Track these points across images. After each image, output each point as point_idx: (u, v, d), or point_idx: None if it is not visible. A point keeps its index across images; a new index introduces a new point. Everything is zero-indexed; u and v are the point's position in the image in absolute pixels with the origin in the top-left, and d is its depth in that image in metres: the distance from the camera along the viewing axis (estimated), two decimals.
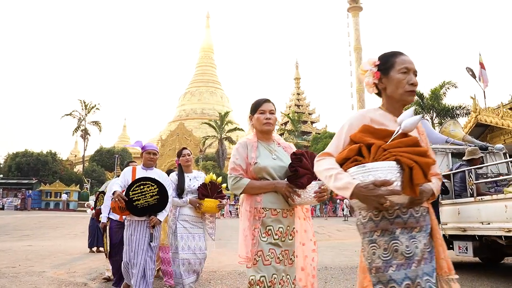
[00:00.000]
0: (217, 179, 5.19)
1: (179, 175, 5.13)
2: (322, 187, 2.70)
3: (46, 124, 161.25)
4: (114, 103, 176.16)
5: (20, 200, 39.55)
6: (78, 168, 55.49)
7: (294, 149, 3.01)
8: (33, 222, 22.47)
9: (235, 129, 49.72)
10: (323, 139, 43.96)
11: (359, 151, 2.00)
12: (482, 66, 21.15)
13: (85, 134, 50.42)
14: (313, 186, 2.70)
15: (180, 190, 4.99)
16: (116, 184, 4.68)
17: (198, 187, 5.02)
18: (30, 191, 40.84)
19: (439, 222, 7.32)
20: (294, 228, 2.86)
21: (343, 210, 34.79)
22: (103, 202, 7.08)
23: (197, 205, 4.94)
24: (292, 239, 2.83)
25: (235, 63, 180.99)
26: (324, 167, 2.08)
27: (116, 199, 4.40)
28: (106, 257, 6.61)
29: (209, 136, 49.37)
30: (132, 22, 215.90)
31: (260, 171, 2.79)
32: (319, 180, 2.60)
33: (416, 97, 30.74)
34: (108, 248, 6.20)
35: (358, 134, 2.07)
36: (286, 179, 2.79)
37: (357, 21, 60.85)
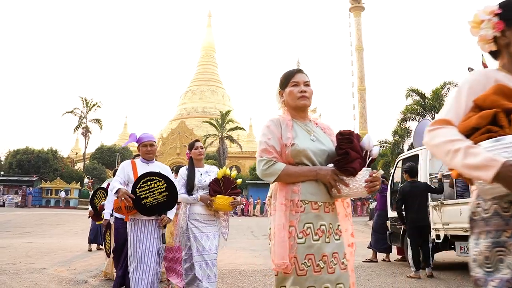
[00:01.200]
0: (231, 173, 4.71)
1: (189, 169, 4.66)
2: (374, 175, 2.21)
3: (47, 121, 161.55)
4: (115, 101, 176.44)
5: (20, 197, 39.63)
6: (79, 166, 55.49)
7: (334, 130, 2.50)
8: (33, 219, 22.48)
9: (236, 128, 49.68)
10: None
11: (494, 119, 1.53)
12: (485, 66, 21.06)
13: (86, 132, 50.38)
14: (363, 174, 2.20)
15: (190, 186, 4.53)
16: (115, 181, 4.20)
17: (210, 182, 4.55)
18: (31, 189, 40.86)
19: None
20: (339, 225, 2.34)
21: None
22: (103, 199, 6.92)
23: (208, 202, 4.47)
24: (339, 239, 2.29)
25: (237, 62, 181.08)
26: (446, 137, 1.57)
27: (122, 198, 3.89)
28: (108, 257, 6.42)
29: (210, 134, 49.32)
30: (134, 20, 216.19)
31: (298, 155, 2.26)
32: (367, 167, 2.26)
33: (417, 97, 30.82)
34: (112, 247, 5.86)
35: (491, 96, 1.59)
36: (332, 164, 2.26)
37: (359, 21, 60.84)
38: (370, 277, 7.02)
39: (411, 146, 22.16)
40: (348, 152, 2.19)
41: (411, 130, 29.69)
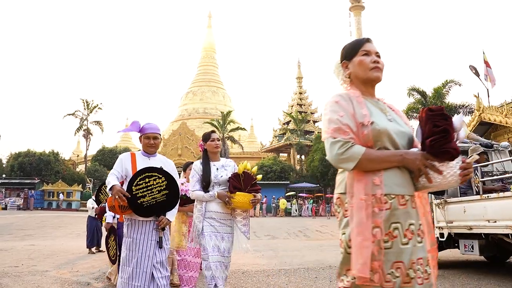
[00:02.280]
0: (251, 168, 4.30)
1: (204, 163, 4.22)
2: (467, 161, 1.82)
3: (49, 123, 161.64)
4: (116, 103, 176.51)
5: (22, 200, 39.64)
6: (81, 168, 55.50)
7: (402, 113, 2.13)
8: (35, 222, 22.49)
9: (237, 128, 49.65)
10: None
11: None
12: (487, 64, 21.03)
13: (87, 134, 50.39)
14: (457, 160, 1.80)
15: (205, 182, 4.10)
16: (112, 175, 3.71)
17: (230, 178, 4.13)
18: (33, 191, 40.85)
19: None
20: (420, 224, 1.89)
21: None
22: (108, 195, 6.73)
23: (227, 199, 4.04)
24: (421, 241, 1.86)
25: (237, 62, 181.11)
26: None
27: (116, 196, 3.43)
28: (113, 263, 6.03)
29: None
30: (135, 22, 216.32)
31: (379, 136, 1.85)
32: None
33: (418, 96, 30.79)
34: (117, 252, 5.54)
35: None
36: (427, 147, 1.81)
37: (359, 20, 60.77)
38: None
39: None
40: (447, 129, 1.77)
41: (413, 129, 29.67)
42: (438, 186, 1.86)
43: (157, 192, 3.64)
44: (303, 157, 52.16)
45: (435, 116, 1.84)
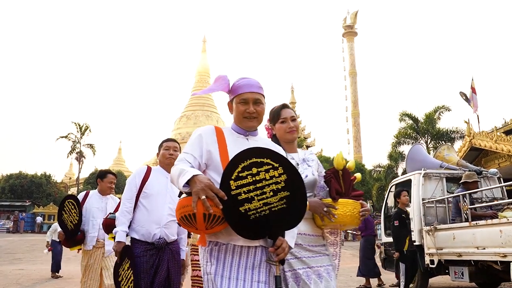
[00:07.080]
0: (347, 163, 2.63)
1: None
2: None
3: (41, 146, 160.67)
4: (109, 126, 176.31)
5: (12, 222, 39.16)
6: (73, 191, 55.10)
7: None
8: (25, 245, 22.18)
9: None
10: None
11: None
12: (473, 91, 21.48)
13: (80, 157, 50.20)
14: None
15: None
16: (182, 161, 2.14)
17: (327, 176, 2.57)
18: (23, 214, 40.43)
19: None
20: None
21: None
22: (73, 212, 4.95)
23: (325, 210, 2.42)
24: None
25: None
26: None
27: (203, 197, 1.81)
28: None
29: None
30: (128, 45, 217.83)
31: None
32: None
33: (410, 121, 31.10)
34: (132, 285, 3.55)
35: None
36: None
37: (352, 46, 61.69)
38: None
39: (405, 171, 22.27)
40: None
41: (405, 154, 29.89)
42: None
43: (271, 193, 1.94)
44: None
45: None
